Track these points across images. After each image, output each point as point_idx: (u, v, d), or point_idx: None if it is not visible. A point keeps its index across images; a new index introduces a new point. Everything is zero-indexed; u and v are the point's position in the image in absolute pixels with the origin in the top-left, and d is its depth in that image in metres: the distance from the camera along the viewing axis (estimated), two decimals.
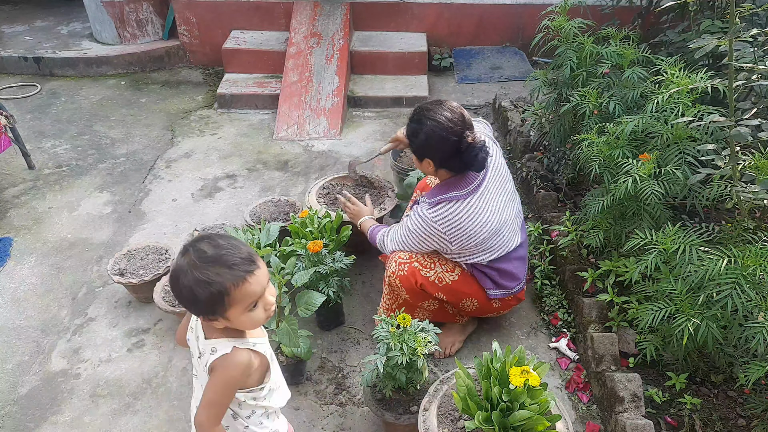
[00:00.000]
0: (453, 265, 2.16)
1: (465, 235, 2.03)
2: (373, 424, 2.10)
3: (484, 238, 2.06)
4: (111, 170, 3.72)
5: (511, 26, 5.06)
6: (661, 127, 2.11)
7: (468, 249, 2.09)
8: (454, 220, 2.01)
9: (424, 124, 1.96)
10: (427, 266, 2.13)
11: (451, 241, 2.05)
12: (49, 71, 5.02)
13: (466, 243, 2.06)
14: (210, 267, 1.21)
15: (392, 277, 2.15)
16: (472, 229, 2.03)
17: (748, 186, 1.80)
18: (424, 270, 2.12)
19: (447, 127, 1.92)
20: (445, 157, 1.98)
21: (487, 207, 2.05)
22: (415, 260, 2.13)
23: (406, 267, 2.12)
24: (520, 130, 3.63)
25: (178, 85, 4.96)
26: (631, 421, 1.87)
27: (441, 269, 2.14)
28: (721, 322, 1.74)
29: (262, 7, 4.98)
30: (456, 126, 1.92)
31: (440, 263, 2.14)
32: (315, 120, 4.20)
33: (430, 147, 1.97)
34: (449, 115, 1.93)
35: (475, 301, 2.21)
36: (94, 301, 2.69)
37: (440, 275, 2.13)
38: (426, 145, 1.98)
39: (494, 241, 2.11)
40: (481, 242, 2.07)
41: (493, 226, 2.06)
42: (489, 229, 2.06)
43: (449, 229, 2.02)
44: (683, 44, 2.82)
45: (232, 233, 2.35)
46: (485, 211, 2.04)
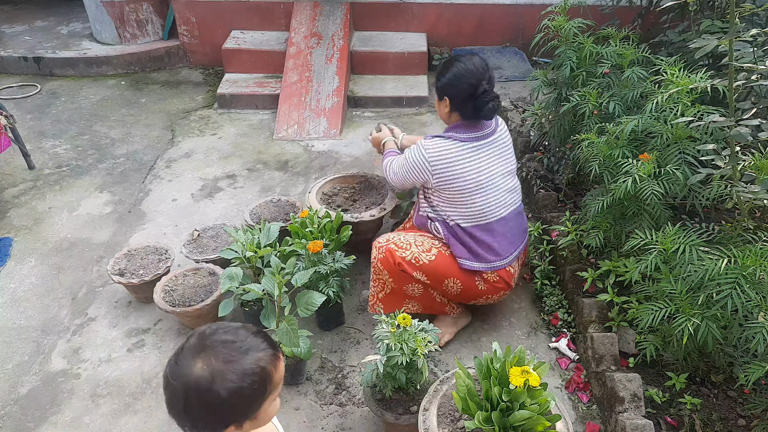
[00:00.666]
0: (429, 245, 2.22)
1: (446, 172, 2.15)
2: (373, 424, 2.10)
3: (465, 186, 2.16)
4: (111, 170, 3.72)
5: (511, 26, 5.05)
6: (661, 127, 2.11)
7: (446, 192, 2.18)
8: (443, 153, 2.15)
9: (452, 64, 2.17)
10: (403, 246, 2.19)
11: (433, 173, 2.16)
12: (49, 71, 5.02)
13: (444, 183, 2.17)
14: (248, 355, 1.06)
15: (374, 262, 2.23)
16: (454, 170, 2.15)
17: (748, 186, 1.80)
18: (400, 250, 2.18)
19: (470, 71, 2.13)
20: (460, 98, 2.15)
21: (479, 160, 2.18)
22: (391, 242, 2.21)
23: (384, 249, 2.19)
24: (520, 130, 3.63)
25: (178, 85, 4.96)
26: (631, 421, 1.87)
27: (417, 249, 2.19)
28: (721, 322, 1.74)
29: (262, 7, 4.98)
30: (477, 73, 2.12)
31: (416, 244, 2.20)
32: (315, 120, 4.20)
33: (452, 86, 2.16)
34: (476, 62, 2.15)
35: (458, 282, 2.23)
36: (94, 301, 2.69)
37: (416, 255, 2.18)
38: (448, 83, 2.17)
39: (476, 197, 2.18)
40: (461, 189, 2.16)
41: (477, 180, 2.17)
42: (472, 180, 2.16)
43: (434, 158, 2.15)
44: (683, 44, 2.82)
45: (232, 233, 2.35)
46: (474, 162, 2.17)
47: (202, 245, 2.75)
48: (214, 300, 2.40)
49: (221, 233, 2.82)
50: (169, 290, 2.48)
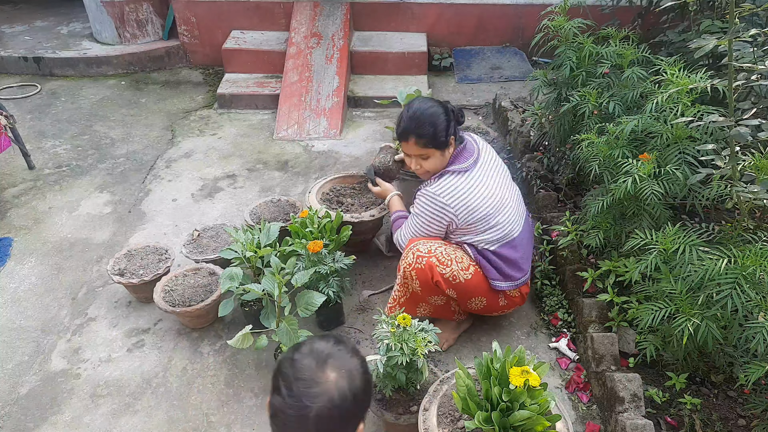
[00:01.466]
0: (468, 263, 2.18)
1: (469, 206, 2.11)
2: (373, 424, 2.09)
3: (488, 212, 2.13)
4: (111, 170, 3.72)
5: (511, 26, 5.06)
6: (661, 127, 2.11)
7: (474, 224, 2.13)
8: (457, 190, 2.11)
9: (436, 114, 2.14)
10: (444, 263, 2.13)
11: (457, 214, 2.11)
12: (49, 71, 5.03)
13: (470, 216, 2.12)
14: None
15: (408, 269, 2.15)
16: (474, 200, 2.11)
17: (748, 186, 1.80)
18: (441, 266, 2.12)
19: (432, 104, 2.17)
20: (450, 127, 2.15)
21: (487, 181, 2.16)
22: (433, 255, 2.13)
23: (424, 261, 2.12)
24: (520, 130, 3.63)
25: (178, 85, 4.96)
26: (631, 421, 1.87)
27: (457, 267, 2.14)
28: (721, 322, 1.74)
29: (262, 7, 4.98)
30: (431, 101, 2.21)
31: (456, 261, 2.15)
32: (315, 120, 4.20)
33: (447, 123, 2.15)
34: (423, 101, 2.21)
35: (484, 300, 2.23)
36: (94, 301, 2.69)
37: (455, 273, 2.14)
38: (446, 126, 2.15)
39: (499, 218, 2.15)
40: (485, 216, 2.12)
41: (495, 201, 2.15)
42: (491, 203, 2.14)
43: (453, 200, 2.10)
44: (683, 44, 2.82)
45: (232, 233, 2.35)
46: (485, 185, 2.15)
47: (202, 245, 2.75)
48: (214, 300, 2.40)
49: (221, 233, 2.82)
50: (169, 290, 2.48)
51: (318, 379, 1.00)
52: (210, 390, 2.24)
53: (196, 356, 2.39)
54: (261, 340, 2.04)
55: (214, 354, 2.40)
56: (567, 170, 3.00)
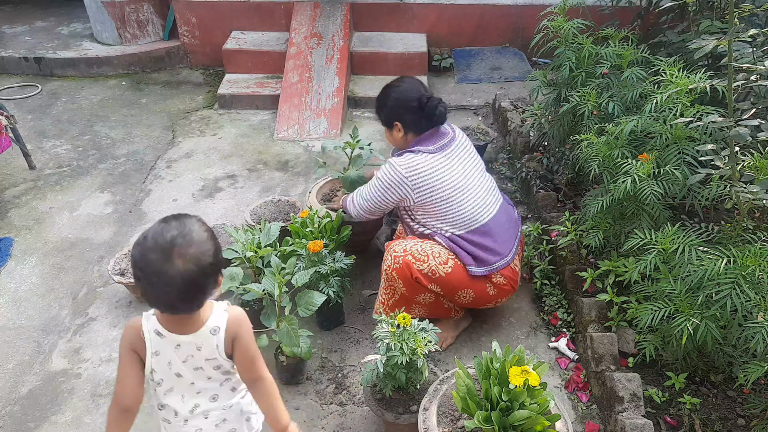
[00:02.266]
0: (446, 257, 2.19)
1: (426, 185, 2.16)
2: (373, 424, 2.10)
3: (448, 195, 2.17)
4: (112, 170, 3.72)
5: (511, 27, 5.06)
6: (660, 127, 2.11)
7: (432, 205, 2.18)
8: (417, 167, 2.16)
9: (388, 91, 2.29)
10: (420, 259, 2.15)
11: (413, 188, 2.16)
12: (50, 71, 5.03)
13: (427, 196, 2.17)
14: None
15: (389, 270, 2.19)
16: (433, 182, 2.16)
17: (747, 186, 1.80)
18: (417, 263, 2.14)
19: (407, 88, 2.26)
20: (410, 117, 2.24)
21: (452, 166, 2.20)
22: (408, 253, 2.16)
23: (401, 260, 2.15)
24: (520, 130, 3.63)
25: (178, 85, 4.97)
26: (630, 420, 1.87)
27: (434, 262, 2.16)
28: (720, 322, 1.74)
29: (263, 7, 4.98)
30: (414, 87, 2.25)
31: (433, 256, 2.17)
32: (315, 120, 4.20)
33: (397, 109, 2.26)
34: (407, 80, 2.29)
35: (471, 291, 2.23)
36: (95, 301, 2.69)
37: (433, 268, 2.15)
38: (393, 107, 2.27)
39: (462, 204, 2.18)
40: (444, 198, 2.16)
41: (457, 186, 2.18)
42: (452, 187, 2.17)
43: (411, 173, 2.16)
44: (682, 45, 2.82)
45: (233, 233, 2.35)
46: (448, 170, 2.19)
47: None
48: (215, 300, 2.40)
49: (222, 233, 2.83)
50: None
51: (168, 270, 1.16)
52: None
53: None
54: (261, 340, 2.04)
55: None
56: (566, 170, 3.01)
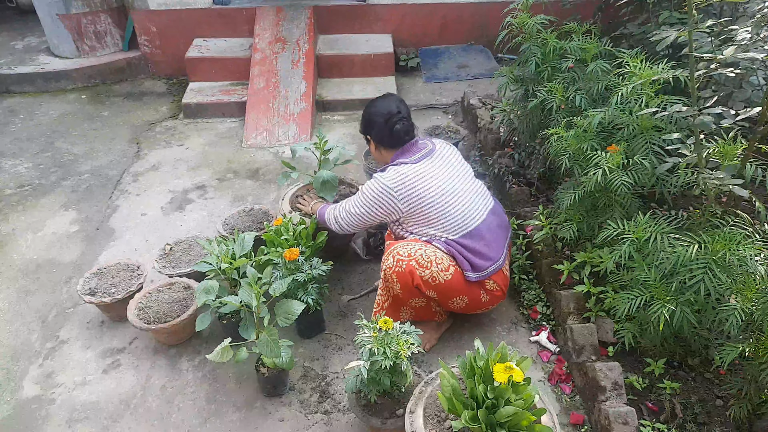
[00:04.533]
0: (447, 263, 2.18)
1: (413, 194, 2.18)
2: (359, 431, 2.08)
3: (435, 201, 2.18)
4: (76, 187, 3.62)
5: (475, 24, 5.10)
6: (627, 118, 2.15)
7: (420, 213, 2.19)
8: (403, 178, 2.19)
9: (364, 109, 2.41)
10: (424, 266, 2.14)
11: (400, 200, 2.18)
12: (6, 88, 4.87)
13: (415, 205, 2.18)
14: None
15: (389, 272, 2.16)
16: (419, 189, 2.18)
17: (713, 172, 1.84)
18: (420, 269, 2.13)
19: (379, 107, 2.34)
20: (379, 133, 2.33)
21: (435, 174, 2.23)
22: (413, 258, 2.13)
23: (404, 264, 2.13)
24: (490, 127, 3.66)
25: (141, 96, 4.86)
26: (613, 409, 1.89)
27: (436, 269, 2.15)
28: (694, 307, 1.78)
29: (224, 14, 4.91)
30: (386, 106, 2.32)
31: (436, 262, 2.15)
32: (284, 126, 4.16)
33: (369, 125, 2.37)
34: (387, 99, 2.37)
35: (465, 298, 2.24)
36: (65, 323, 2.60)
37: (435, 274, 2.14)
38: (365, 124, 2.40)
39: (450, 208, 2.19)
40: (431, 205, 2.17)
41: (443, 191, 2.20)
42: (438, 192, 2.19)
43: (397, 185, 2.18)
44: (643, 36, 2.88)
45: (206, 245, 2.30)
46: (432, 177, 2.21)
47: (175, 259, 2.69)
48: (191, 315, 2.35)
49: (194, 246, 2.77)
50: (143, 307, 2.42)
51: None
52: (191, 407, 2.20)
53: (174, 373, 2.34)
54: (241, 353, 2.01)
55: (193, 370, 2.35)
56: (538, 165, 3.03)
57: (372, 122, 2.34)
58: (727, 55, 1.80)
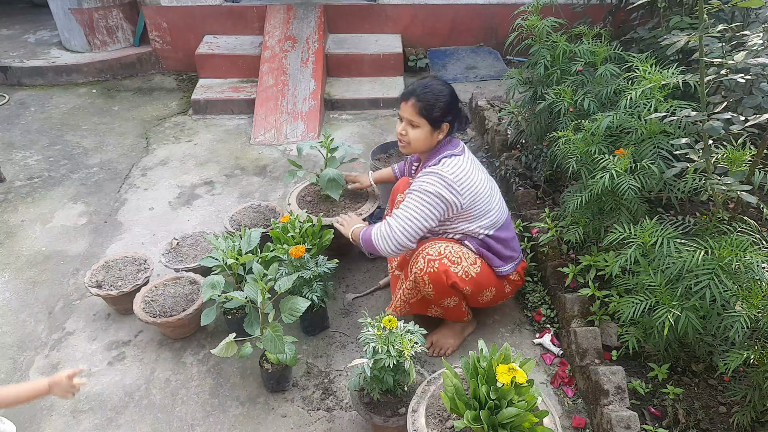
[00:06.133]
0: (474, 257, 2.20)
1: (472, 185, 2.12)
2: (361, 428, 2.09)
3: (485, 193, 2.16)
4: (85, 180, 3.64)
5: (485, 26, 5.10)
6: (636, 122, 2.14)
7: (474, 206, 2.14)
8: (461, 169, 2.11)
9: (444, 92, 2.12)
10: (455, 261, 2.14)
11: (462, 193, 2.09)
12: (17, 81, 4.91)
13: (473, 196, 2.12)
14: None
15: (420, 274, 2.12)
16: (474, 183, 2.13)
17: (721, 178, 1.84)
18: (453, 266, 2.12)
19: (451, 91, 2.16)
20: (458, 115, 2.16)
21: (477, 166, 2.21)
22: (444, 257, 2.11)
23: (437, 264, 2.09)
24: (497, 128, 3.66)
25: (151, 91, 4.89)
26: (616, 413, 1.89)
27: (466, 263, 2.16)
28: (700, 312, 1.77)
29: (235, 11, 4.93)
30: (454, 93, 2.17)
31: (464, 257, 2.17)
32: (292, 124, 4.17)
33: (453, 109, 2.13)
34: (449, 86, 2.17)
35: (493, 290, 2.28)
36: (71, 314, 2.63)
37: (466, 269, 2.16)
38: (449, 108, 2.12)
39: (492, 202, 2.21)
40: (483, 197, 2.15)
41: (487, 184, 2.20)
42: (485, 185, 2.18)
43: (459, 177, 2.09)
44: (654, 41, 2.87)
45: (212, 241, 2.32)
46: (477, 169, 2.19)
47: (182, 254, 2.71)
48: (196, 309, 2.37)
49: (201, 241, 2.78)
50: (149, 301, 2.43)
51: None
52: (194, 401, 2.21)
53: (179, 367, 2.36)
54: (245, 348, 2.02)
55: (197, 364, 2.37)
56: (545, 167, 3.03)
57: (455, 103, 2.13)
58: (738, 60, 1.79)
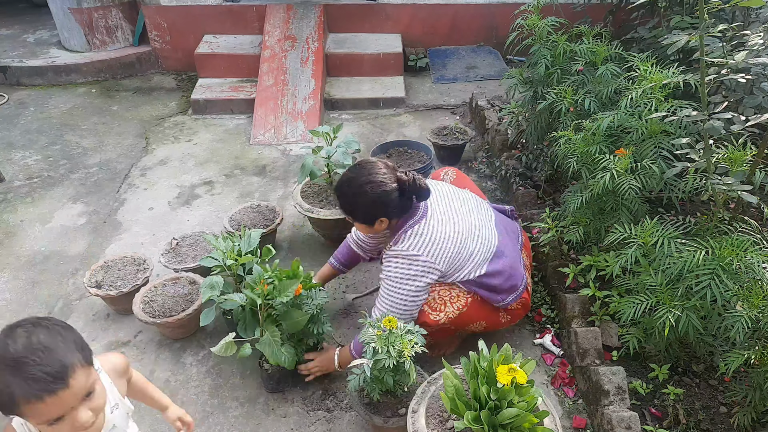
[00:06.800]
0: (466, 298, 2.09)
1: (441, 249, 1.98)
2: (361, 429, 2.08)
3: (460, 243, 2.02)
4: (84, 180, 3.64)
5: (485, 26, 5.09)
6: (636, 122, 2.14)
7: (454, 261, 2.02)
8: (424, 239, 1.97)
9: (365, 193, 1.95)
10: (437, 309, 2.05)
11: (436, 260, 1.97)
12: (17, 80, 4.90)
13: (447, 256, 2.00)
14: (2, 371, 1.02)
15: None
16: (443, 241, 1.99)
17: (722, 178, 1.83)
18: (434, 314, 2.05)
19: (384, 184, 1.94)
20: (395, 206, 1.98)
21: (444, 217, 2.04)
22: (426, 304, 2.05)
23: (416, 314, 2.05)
24: (498, 128, 3.65)
25: (150, 91, 4.88)
26: (616, 413, 1.89)
27: (451, 309, 2.06)
28: (700, 313, 1.77)
29: (235, 10, 4.93)
30: (389, 176, 1.96)
31: (452, 302, 2.07)
32: (292, 123, 4.17)
33: (381, 206, 1.97)
34: (380, 169, 1.97)
35: (483, 323, 2.17)
36: (71, 314, 2.62)
37: (450, 314, 2.06)
38: (375, 208, 1.97)
39: (474, 243, 2.06)
40: (460, 249, 2.02)
41: (461, 229, 2.04)
42: (458, 232, 2.03)
43: (425, 249, 1.96)
44: (654, 40, 2.87)
45: (212, 241, 2.31)
46: (445, 221, 2.03)
47: (181, 254, 2.70)
48: (195, 309, 2.36)
49: (200, 241, 2.78)
50: (148, 301, 2.43)
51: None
52: (194, 401, 2.21)
53: (178, 367, 2.35)
54: (245, 349, 2.01)
55: (197, 364, 2.36)
56: (545, 167, 3.03)
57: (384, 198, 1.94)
58: (739, 60, 1.79)
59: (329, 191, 2.85)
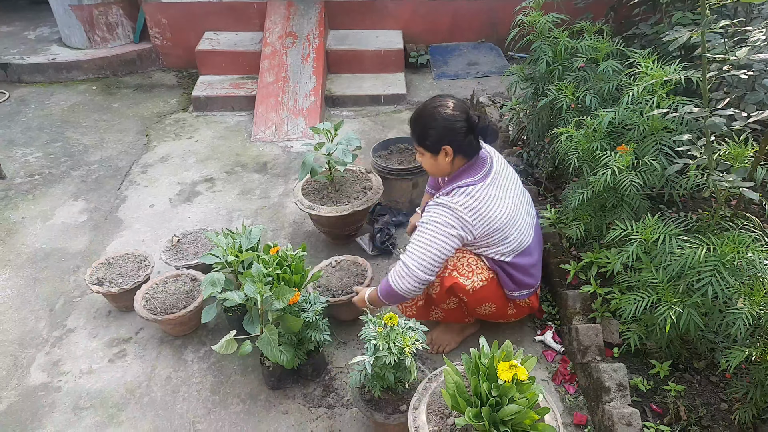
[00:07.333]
0: (487, 274, 2.11)
1: (485, 218, 2.00)
2: (362, 425, 2.09)
3: (502, 223, 2.04)
4: (85, 177, 3.64)
5: (486, 22, 5.08)
6: (638, 118, 2.13)
7: (489, 236, 2.04)
8: (474, 202, 1.99)
9: (434, 113, 2.03)
10: (465, 275, 2.07)
11: (474, 225, 1.99)
12: (17, 78, 4.90)
13: (486, 228, 2.02)
14: None
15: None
16: (489, 212, 2.01)
17: (723, 175, 1.83)
18: (462, 279, 2.06)
19: (454, 113, 2.02)
20: (461, 139, 2.02)
21: (499, 193, 2.07)
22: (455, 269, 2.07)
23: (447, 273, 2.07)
24: (499, 125, 3.65)
25: (151, 88, 4.88)
26: (617, 410, 1.89)
27: (477, 278, 2.08)
28: (702, 309, 1.77)
29: (236, 7, 4.92)
30: (460, 107, 2.04)
31: (477, 272, 2.08)
32: (293, 120, 4.16)
33: (448, 132, 2.02)
34: (452, 102, 2.05)
35: (494, 306, 2.19)
36: (72, 311, 2.63)
37: (475, 284, 2.08)
38: (443, 132, 2.02)
39: (511, 230, 2.08)
40: (499, 228, 2.04)
41: (508, 212, 2.06)
42: (505, 214, 2.05)
43: (470, 211, 1.98)
44: (656, 36, 2.86)
45: (213, 238, 2.31)
46: (499, 196, 2.06)
47: (182, 251, 2.70)
48: (197, 306, 2.37)
49: (201, 238, 2.78)
50: (149, 298, 2.43)
51: None
52: (196, 398, 2.21)
53: (180, 364, 2.36)
54: (245, 346, 2.01)
55: (198, 361, 2.37)
56: (546, 164, 3.02)
57: (453, 130, 2.00)
58: (740, 56, 1.78)
59: (330, 188, 2.85)
